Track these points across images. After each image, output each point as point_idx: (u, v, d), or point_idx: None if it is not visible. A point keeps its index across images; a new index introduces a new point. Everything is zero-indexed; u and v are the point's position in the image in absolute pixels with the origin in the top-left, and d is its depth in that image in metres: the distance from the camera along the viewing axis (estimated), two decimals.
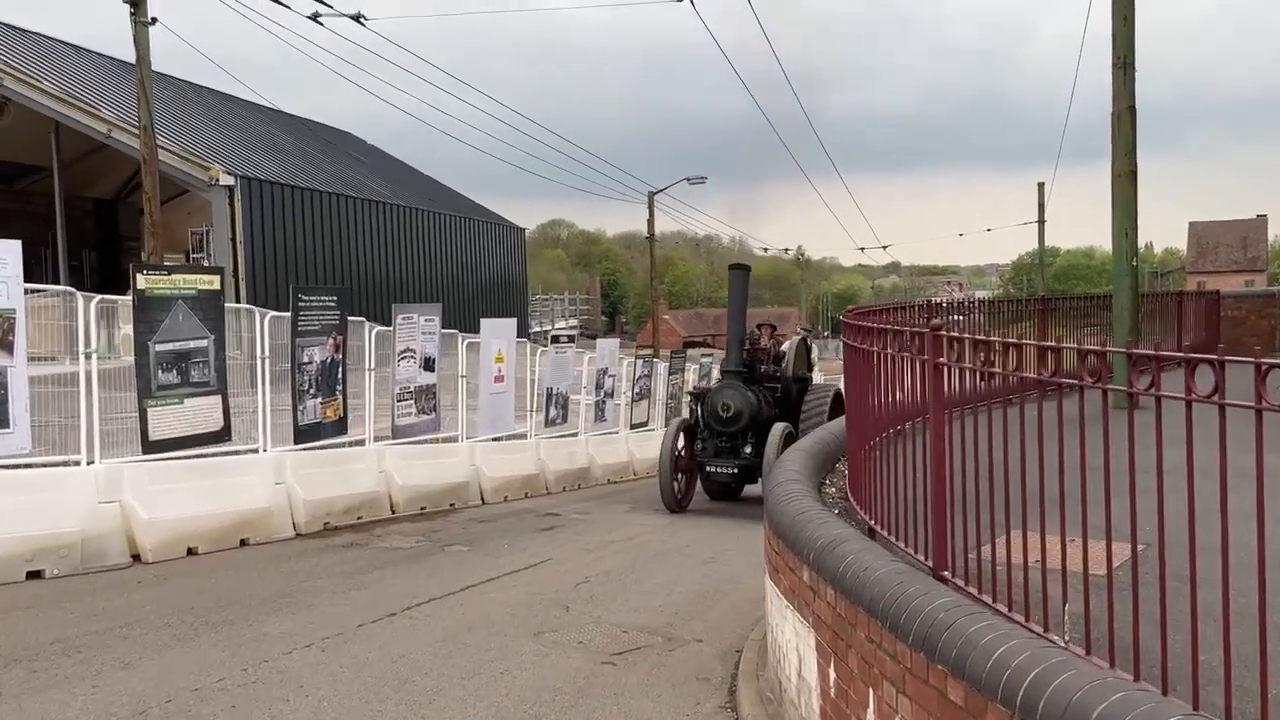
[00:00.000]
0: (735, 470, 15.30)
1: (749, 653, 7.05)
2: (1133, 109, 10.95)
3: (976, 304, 13.14)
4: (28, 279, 9.15)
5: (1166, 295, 17.01)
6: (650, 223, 38.94)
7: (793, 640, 5.48)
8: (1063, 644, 3.77)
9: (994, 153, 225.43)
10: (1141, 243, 12.32)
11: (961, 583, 4.49)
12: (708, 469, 15.51)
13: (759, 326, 17.91)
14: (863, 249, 46.15)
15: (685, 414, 17.32)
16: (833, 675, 4.78)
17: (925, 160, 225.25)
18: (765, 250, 68.00)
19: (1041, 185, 39.67)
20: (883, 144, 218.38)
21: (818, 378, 27.18)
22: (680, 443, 15.45)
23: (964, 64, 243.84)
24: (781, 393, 16.18)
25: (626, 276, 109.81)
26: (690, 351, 33.57)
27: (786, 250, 69.21)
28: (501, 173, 63.10)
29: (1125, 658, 3.38)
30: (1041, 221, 39.40)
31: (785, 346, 16.89)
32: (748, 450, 15.16)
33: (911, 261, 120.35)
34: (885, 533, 5.43)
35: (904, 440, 5.30)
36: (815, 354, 18.88)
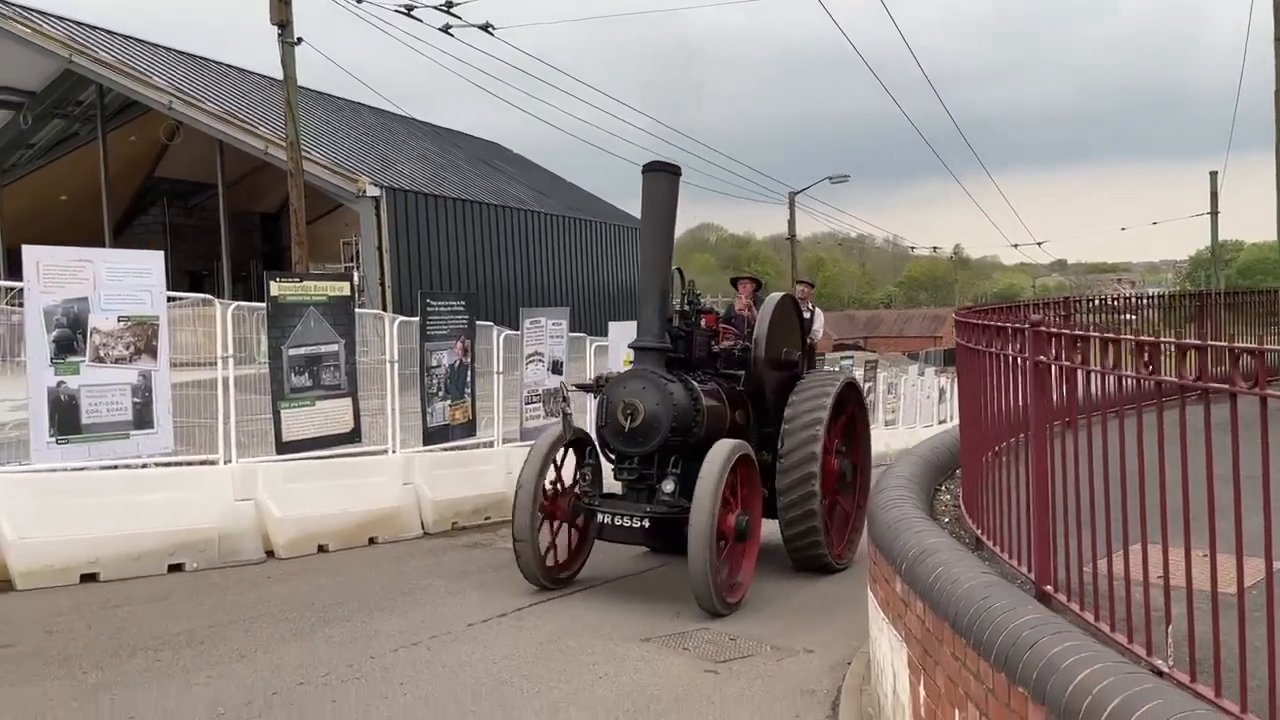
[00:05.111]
0: (644, 523, 8.53)
1: (857, 665, 6.78)
2: None
3: (1142, 301, 12.23)
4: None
5: None
6: (791, 223, 38.41)
7: (888, 655, 5.21)
8: (1166, 668, 3.45)
9: (1165, 144, 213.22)
10: None
11: (1064, 599, 4.17)
12: (600, 518, 8.76)
13: (735, 282, 11.77)
14: (1017, 246, 44.15)
15: (562, 427, 9.12)
16: (923, 694, 4.51)
17: (1088, 154, 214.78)
18: (913, 249, 66.09)
19: (1214, 174, 36.93)
20: (1040, 138, 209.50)
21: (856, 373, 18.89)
22: (552, 474, 9.01)
23: (1132, 53, 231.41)
24: (749, 385, 9.93)
25: (775, 279, 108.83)
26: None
27: (935, 249, 66.95)
28: None
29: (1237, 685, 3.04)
30: (1215, 213, 36.77)
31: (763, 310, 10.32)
32: (668, 488, 8.69)
33: (1079, 259, 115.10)
34: (992, 544, 5.11)
35: (1017, 447, 4.99)
36: (820, 323, 12.11)
